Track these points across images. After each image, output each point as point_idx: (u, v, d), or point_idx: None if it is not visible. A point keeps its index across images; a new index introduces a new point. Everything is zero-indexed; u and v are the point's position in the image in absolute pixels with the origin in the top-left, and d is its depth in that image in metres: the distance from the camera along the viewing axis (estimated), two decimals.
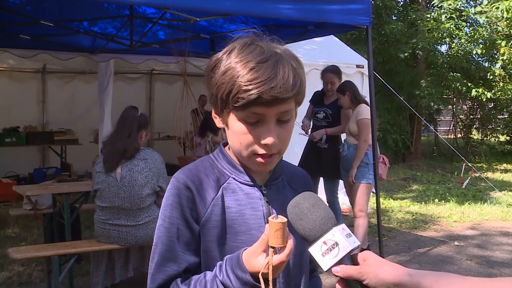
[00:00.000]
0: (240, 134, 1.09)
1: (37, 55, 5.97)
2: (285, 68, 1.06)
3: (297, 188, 1.23)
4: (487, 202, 7.82)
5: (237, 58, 1.07)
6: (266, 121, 1.07)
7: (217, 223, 1.13)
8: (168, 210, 1.14)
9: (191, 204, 1.13)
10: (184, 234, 1.12)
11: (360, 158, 4.64)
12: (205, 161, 1.21)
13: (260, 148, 1.09)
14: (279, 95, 1.03)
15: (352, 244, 0.97)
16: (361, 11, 4.05)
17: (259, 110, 1.05)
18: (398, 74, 12.60)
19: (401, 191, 9.11)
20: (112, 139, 3.56)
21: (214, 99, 1.11)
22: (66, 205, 4.08)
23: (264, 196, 1.18)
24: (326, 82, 5.14)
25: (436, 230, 6.24)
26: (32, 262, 4.65)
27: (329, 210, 1.02)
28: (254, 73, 1.03)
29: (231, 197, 1.15)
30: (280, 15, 3.85)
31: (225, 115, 1.11)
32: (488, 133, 14.93)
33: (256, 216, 1.16)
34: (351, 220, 5.24)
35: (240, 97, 1.03)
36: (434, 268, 4.75)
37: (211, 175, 1.17)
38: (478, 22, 12.23)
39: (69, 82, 9.01)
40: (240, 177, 1.18)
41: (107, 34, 5.83)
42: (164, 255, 1.12)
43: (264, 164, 1.11)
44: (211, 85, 1.11)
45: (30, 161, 8.59)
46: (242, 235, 1.14)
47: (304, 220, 1.00)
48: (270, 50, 1.08)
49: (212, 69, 1.12)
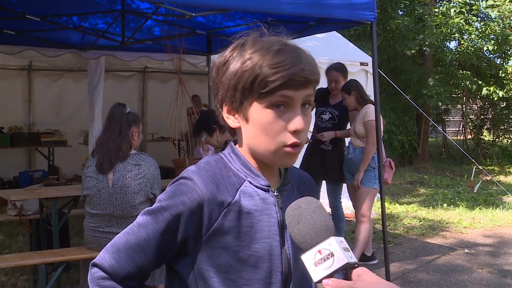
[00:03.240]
0: (267, 124, 1.09)
1: (22, 52, 5.96)
2: (306, 53, 1.12)
3: (304, 194, 1.23)
4: (499, 207, 7.82)
5: (253, 48, 1.10)
6: (293, 105, 1.09)
7: (231, 230, 1.12)
8: (171, 207, 1.11)
9: (196, 211, 1.11)
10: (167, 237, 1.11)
11: (367, 162, 4.65)
12: (219, 163, 1.18)
13: (289, 137, 1.10)
14: (309, 76, 1.08)
15: (349, 258, 0.96)
16: (365, 6, 4.07)
17: (289, 93, 1.08)
18: (404, 72, 12.63)
19: (407, 195, 9.12)
20: (103, 140, 3.54)
21: (231, 92, 1.11)
22: (54, 211, 4.08)
23: (278, 202, 1.18)
24: (330, 81, 5.14)
25: (445, 237, 6.25)
26: (17, 271, 4.64)
27: (330, 219, 1.02)
28: (281, 56, 1.07)
29: (248, 201, 1.14)
30: (280, 11, 3.86)
31: (246, 108, 1.11)
32: (500, 134, 14.96)
33: (271, 223, 1.15)
34: (354, 225, 5.25)
35: (270, 80, 1.06)
36: (443, 277, 4.76)
37: (227, 178, 1.15)
38: (490, 16, 12.26)
39: (57, 80, 9.00)
40: (256, 181, 1.17)
41: (98, 30, 5.83)
42: (141, 242, 1.11)
43: (293, 154, 1.12)
44: (226, 78, 1.11)
45: (15, 164, 8.57)
46: (257, 243, 1.13)
47: (301, 224, 1.00)
48: (284, 41, 1.13)
49: (224, 64, 1.13)
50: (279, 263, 1.14)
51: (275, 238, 1.14)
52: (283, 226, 1.16)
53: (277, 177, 1.23)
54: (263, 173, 1.18)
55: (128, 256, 1.11)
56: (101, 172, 3.46)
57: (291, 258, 1.17)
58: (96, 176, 3.49)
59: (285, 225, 1.15)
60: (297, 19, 4.86)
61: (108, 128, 3.53)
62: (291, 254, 1.17)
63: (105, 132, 3.55)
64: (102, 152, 3.50)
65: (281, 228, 1.16)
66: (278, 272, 1.14)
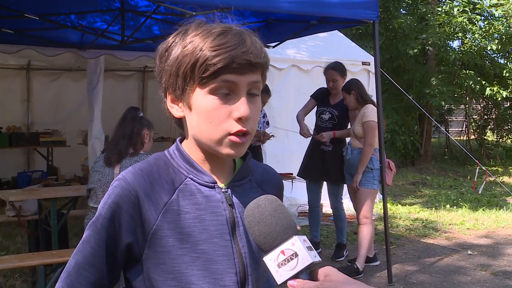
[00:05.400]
0: (210, 111, 1.04)
1: (21, 51, 5.96)
2: (251, 36, 1.06)
3: (268, 192, 1.17)
4: (503, 208, 7.82)
5: (196, 32, 1.05)
6: (238, 91, 1.04)
7: (172, 232, 1.06)
8: (105, 210, 1.08)
9: (133, 212, 1.06)
10: (111, 245, 1.08)
11: (365, 164, 4.65)
12: (160, 160, 1.14)
13: (234, 124, 1.04)
14: (253, 59, 1.03)
15: (313, 257, 0.93)
16: (367, 5, 4.07)
17: (231, 77, 1.03)
18: (407, 71, 12.62)
19: (410, 196, 9.12)
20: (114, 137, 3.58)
21: (173, 78, 1.07)
22: (53, 211, 4.09)
23: (227, 199, 1.12)
24: (328, 80, 5.16)
25: (447, 238, 6.24)
26: (15, 273, 4.64)
27: (292, 218, 0.99)
28: (222, 39, 1.02)
29: (189, 200, 1.09)
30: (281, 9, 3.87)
31: (188, 95, 1.07)
32: (504, 134, 14.95)
33: (218, 222, 1.09)
34: (356, 227, 5.25)
35: (210, 63, 1.01)
36: (445, 279, 4.76)
37: (165, 176, 1.10)
38: (494, 15, 12.23)
39: (56, 79, 9.00)
40: (199, 177, 1.11)
41: (97, 29, 5.83)
42: (88, 258, 1.08)
43: (240, 144, 1.06)
44: (168, 64, 1.07)
45: (13, 164, 8.56)
46: (203, 244, 1.07)
47: (262, 224, 0.96)
48: (229, 25, 1.08)
49: (166, 50, 1.09)
50: (231, 264, 1.08)
51: (225, 237, 1.09)
52: (234, 224, 1.11)
53: (230, 171, 1.17)
54: (212, 167, 1.13)
55: (80, 276, 1.07)
56: (108, 164, 3.49)
57: (247, 258, 1.11)
58: (103, 170, 3.51)
59: (237, 223, 1.11)
60: (298, 18, 4.86)
61: (120, 128, 3.57)
62: (247, 254, 1.11)
63: (117, 131, 3.59)
64: (112, 147, 3.54)
65: (232, 226, 1.10)
66: (232, 273, 1.08)
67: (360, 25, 9.36)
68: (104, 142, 3.65)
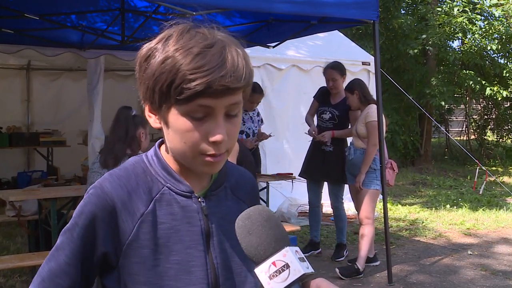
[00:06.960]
0: (184, 132, 1.00)
1: (21, 51, 5.96)
2: (233, 55, 0.99)
3: (242, 198, 1.17)
4: (503, 208, 7.82)
5: (176, 45, 0.99)
6: (214, 115, 1.00)
7: (147, 242, 1.04)
8: (82, 220, 1.06)
9: (109, 222, 1.04)
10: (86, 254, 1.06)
11: (368, 164, 4.64)
12: (138, 166, 1.11)
13: (208, 147, 1.01)
14: (230, 85, 0.97)
15: (305, 269, 0.91)
16: (367, 5, 4.07)
17: (207, 102, 0.97)
18: (407, 71, 12.63)
19: (410, 196, 9.12)
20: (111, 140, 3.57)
21: (150, 93, 1.03)
22: (53, 211, 4.09)
23: (202, 209, 1.10)
24: (327, 80, 5.16)
25: (447, 238, 6.25)
26: (15, 273, 4.64)
27: (283, 229, 0.98)
28: (200, 60, 0.96)
29: (165, 210, 1.07)
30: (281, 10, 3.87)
31: (165, 111, 1.02)
32: (504, 134, 14.95)
33: (193, 233, 1.08)
34: (356, 227, 5.25)
35: (185, 87, 0.96)
36: (446, 279, 4.76)
37: (143, 184, 1.08)
38: (494, 15, 12.24)
39: (56, 79, 9.00)
40: (176, 186, 1.09)
41: (97, 29, 5.83)
42: (62, 266, 1.06)
43: (213, 164, 1.03)
44: (146, 77, 1.03)
45: (13, 164, 8.56)
46: (176, 255, 1.06)
47: (253, 235, 0.95)
48: (213, 36, 1.01)
49: (146, 59, 1.05)
50: (203, 274, 1.07)
51: (198, 247, 1.07)
52: (209, 234, 1.10)
53: (207, 180, 1.14)
54: (189, 176, 1.10)
55: (53, 282, 1.05)
56: (105, 167, 3.48)
57: (219, 268, 1.10)
58: (101, 171, 3.50)
59: (211, 234, 1.10)
60: (298, 18, 4.86)
61: (115, 130, 3.56)
62: (219, 264, 1.10)
63: (112, 134, 3.58)
64: (108, 150, 3.54)
65: (207, 236, 1.09)
66: (204, 283, 1.07)
67: (360, 25, 9.36)
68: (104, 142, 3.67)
